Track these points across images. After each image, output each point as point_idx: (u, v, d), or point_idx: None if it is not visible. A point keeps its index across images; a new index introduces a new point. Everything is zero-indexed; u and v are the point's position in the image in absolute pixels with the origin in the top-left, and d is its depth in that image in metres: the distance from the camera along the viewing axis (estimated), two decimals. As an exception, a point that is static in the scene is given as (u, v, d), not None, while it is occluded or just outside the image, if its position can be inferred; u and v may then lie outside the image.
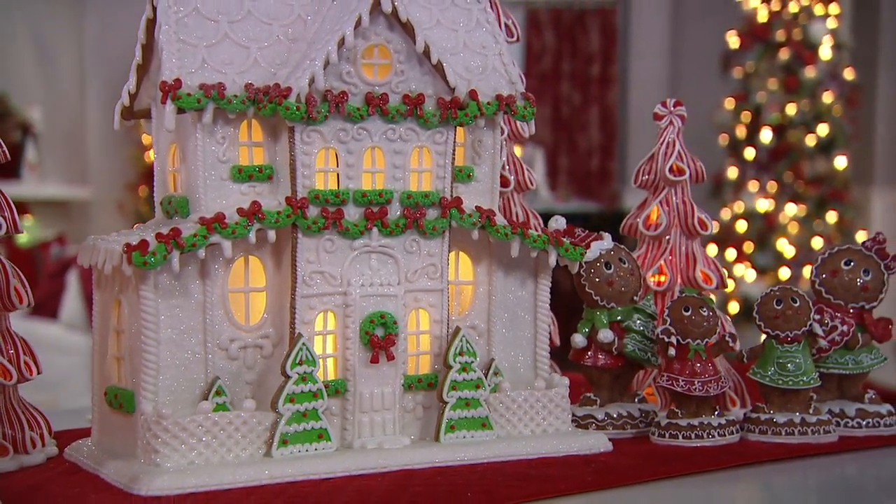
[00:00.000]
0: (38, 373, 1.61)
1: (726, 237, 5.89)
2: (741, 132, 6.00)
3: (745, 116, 5.93)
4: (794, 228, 5.80)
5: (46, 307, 5.89)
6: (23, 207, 7.25)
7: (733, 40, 6.07)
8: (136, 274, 1.48)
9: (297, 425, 1.53)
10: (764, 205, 5.84)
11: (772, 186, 5.86)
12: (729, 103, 6.04)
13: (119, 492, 1.42)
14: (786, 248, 5.81)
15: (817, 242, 5.76)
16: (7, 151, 1.60)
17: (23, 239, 6.97)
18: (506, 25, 1.95)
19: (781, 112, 5.83)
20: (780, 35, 5.88)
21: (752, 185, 5.87)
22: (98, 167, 7.75)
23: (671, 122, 1.97)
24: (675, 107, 1.98)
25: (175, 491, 1.41)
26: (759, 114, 5.89)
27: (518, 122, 1.92)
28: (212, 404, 1.50)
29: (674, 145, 1.95)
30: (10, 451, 1.55)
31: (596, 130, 7.91)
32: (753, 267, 5.80)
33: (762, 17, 5.94)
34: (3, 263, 1.59)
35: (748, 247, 5.84)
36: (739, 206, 5.88)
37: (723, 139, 6.09)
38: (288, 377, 1.53)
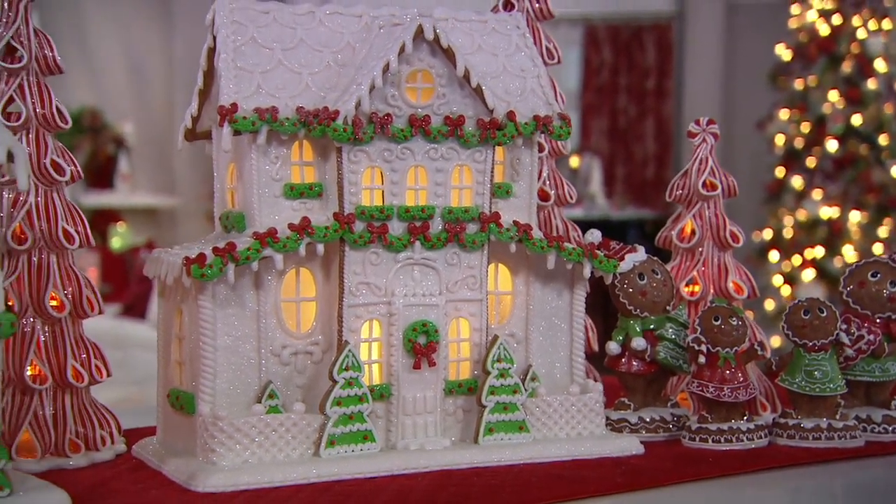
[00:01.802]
0: (108, 375, 1.64)
1: (790, 245, 5.76)
2: (799, 142, 5.87)
3: (805, 126, 5.80)
4: (857, 235, 5.67)
5: (136, 308, 6.02)
6: (116, 215, 7.46)
7: (785, 53, 5.95)
8: (195, 285, 1.49)
9: (344, 427, 1.52)
10: (828, 212, 5.70)
11: (831, 193, 5.71)
12: (784, 114, 5.92)
13: (178, 488, 1.43)
14: (850, 254, 5.68)
15: (878, 248, 5.61)
16: (80, 171, 1.63)
17: (116, 244, 7.14)
18: (547, 48, 1.93)
19: (846, 122, 5.69)
20: (843, 48, 5.75)
21: (817, 193, 5.73)
22: (184, 178, 7.89)
23: (704, 140, 1.92)
24: (708, 125, 1.93)
25: (229, 488, 1.41)
26: (822, 124, 5.76)
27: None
28: (264, 407, 1.51)
29: (707, 161, 1.91)
30: (81, 448, 1.57)
31: (651, 141, 7.83)
32: (821, 273, 5.66)
33: (824, 30, 5.79)
34: (78, 275, 1.61)
35: (809, 253, 5.70)
36: (802, 214, 5.74)
37: (778, 149, 5.98)
38: (335, 382, 1.53)
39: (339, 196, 1.56)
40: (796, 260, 5.73)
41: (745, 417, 1.70)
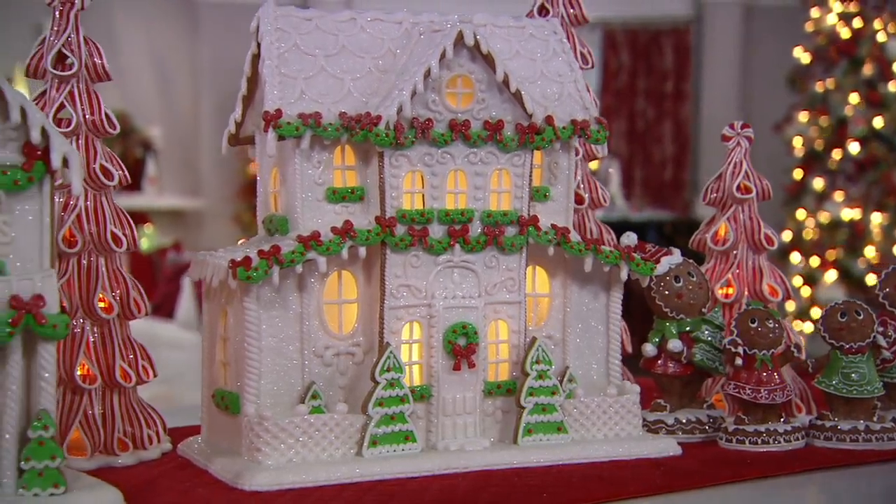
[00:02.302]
0: (154, 376, 1.65)
1: (811, 246, 5.73)
2: (819, 144, 5.84)
3: (828, 129, 5.77)
4: (878, 237, 5.64)
5: (163, 308, 6.05)
6: (143, 217, 7.51)
7: (804, 56, 5.92)
8: (241, 287, 1.50)
9: (386, 427, 1.53)
10: (849, 214, 5.67)
11: (852, 195, 5.68)
12: (803, 116, 5.89)
13: (224, 486, 1.44)
14: (872, 255, 5.64)
15: None
16: (128, 174, 1.64)
17: (143, 245, 7.19)
18: (581, 54, 1.93)
19: (868, 125, 5.66)
20: (865, 51, 5.71)
21: (838, 195, 5.69)
22: (210, 180, 7.93)
23: (739, 143, 1.91)
24: (742, 128, 1.92)
25: (275, 487, 1.42)
26: (843, 126, 5.72)
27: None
28: (308, 407, 1.51)
29: (741, 165, 1.90)
30: (129, 446, 1.58)
31: (669, 143, 7.82)
32: (843, 274, 5.62)
33: (845, 34, 5.76)
34: (125, 277, 1.63)
35: (830, 254, 5.67)
36: (823, 216, 5.70)
37: (796, 151, 5.95)
38: (377, 383, 1.53)
39: (381, 200, 1.56)
40: (814, 261, 5.69)
41: (782, 419, 1.69)
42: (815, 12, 5.94)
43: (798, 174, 5.87)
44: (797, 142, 5.96)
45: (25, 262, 1.28)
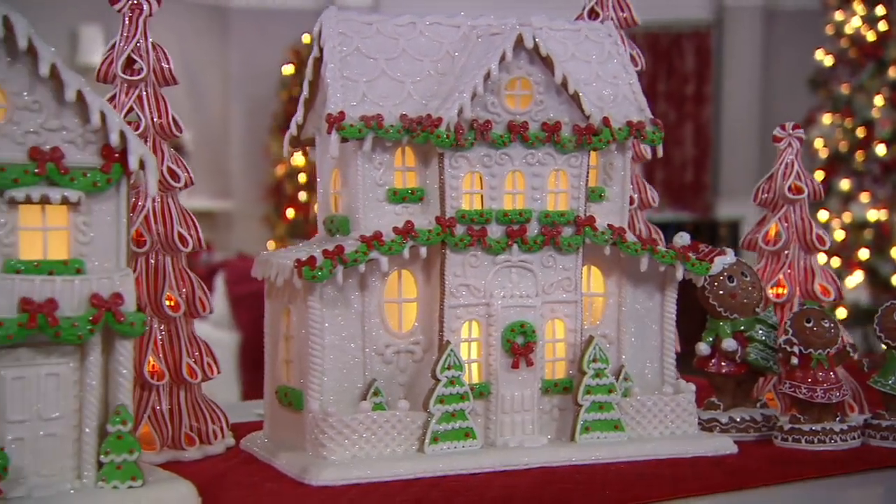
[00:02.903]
0: (218, 372, 1.67)
1: (836, 247, 5.69)
2: (843, 146, 5.81)
3: (857, 131, 5.73)
4: None
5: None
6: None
7: (827, 59, 5.88)
8: (305, 286, 1.51)
9: (447, 424, 1.53)
10: (875, 215, 5.62)
11: (879, 196, 5.63)
12: (827, 118, 5.85)
13: (291, 481, 1.45)
14: None
15: None
16: (192, 177, 1.66)
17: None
18: (630, 55, 1.92)
19: (894, 127, 5.61)
20: (892, 53, 5.67)
21: (864, 196, 5.65)
22: (239, 182, 7.99)
23: (790, 144, 1.91)
24: (793, 129, 1.91)
25: (341, 481, 1.43)
26: (869, 128, 5.68)
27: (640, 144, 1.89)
28: (370, 404, 1.52)
29: (793, 166, 1.89)
30: (196, 441, 1.60)
31: (690, 145, 7.79)
32: (869, 274, 5.58)
33: (871, 36, 5.71)
34: (191, 276, 1.64)
35: (856, 255, 5.62)
36: (848, 217, 5.66)
37: (818, 152, 5.91)
38: (438, 380, 1.54)
39: (441, 200, 1.57)
40: (835, 261, 5.66)
41: (837, 418, 1.68)
42: (838, 15, 5.91)
43: (819, 176, 5.84)
44: (818, 143, 5.93)
45: (103, 262, 1.30)
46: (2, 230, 1.24)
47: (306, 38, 7.13)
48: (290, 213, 7.20)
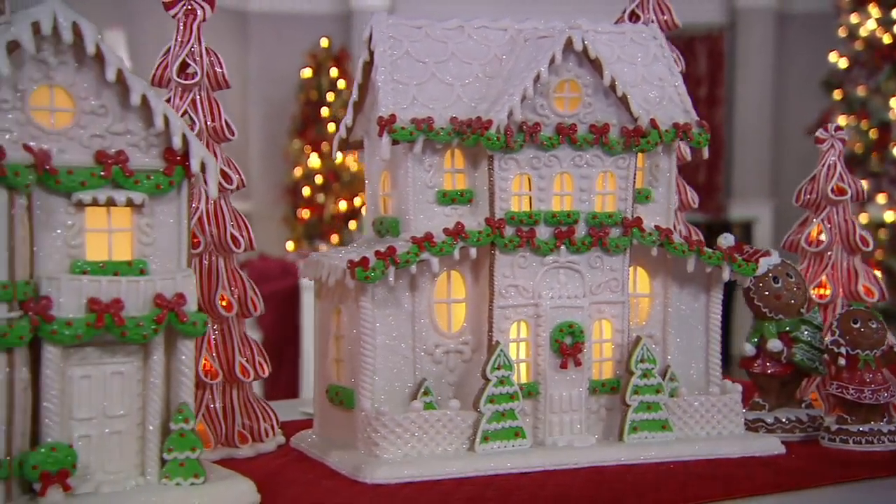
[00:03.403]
0: (269, 372, 1.68)
1: None
2: (858, 148, 5.78)
3: (873, 132, 5.70)
4: None
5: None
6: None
7: (842, 61, 5.87)
8: (358, 287, 1.52)
9: (497, 424, 1.54)
10: (891, 216, 5.59)
11: (894, 198, 5.61)
12: (842, 120, 5.83)
13: (345, 479, 1.46)
14: None
15: None
16: (244, 179, 1.67)
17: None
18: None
19: None
20: None
21: (881, 198, 5.62)
22: (258, 184, 8.04)
23: (832, 146, 1.90)
24: (836, 131, 1.90)
25: (394, 480, 1.44)
26: (886, 130, 5.65)
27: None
28: (422, 403, 1.53)
29: (835, 167, 1.88)
30: (249, 439, 1.61)
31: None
32: (886, 274, 5.55)
33: (887, 39, 5.68)
34: (243, 277, 1.66)
35: (874, 256, 5.60)
36: (864, 217, 5.64)
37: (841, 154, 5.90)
38: (488, 380, 1.54)
39: (491, 202, 1.57)
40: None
41: (885, 419, 1.67)
42: (853, 18, 5.89)
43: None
44: None
45: (165, 263, 1.32)
46: (69, 232, 1.25)
47: (324, 42, 7.18)
48: (306, 213, 7.24)
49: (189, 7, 1.61)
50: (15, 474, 1.18)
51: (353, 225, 7.17)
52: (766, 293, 1.74)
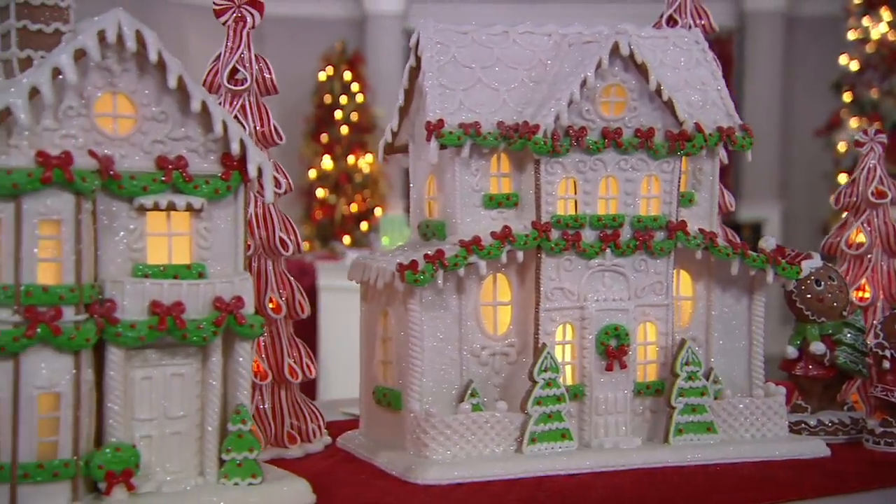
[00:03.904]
0: (316, 373, 1.69)
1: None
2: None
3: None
4: None
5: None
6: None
7: (853, 64, 5.85)
8: (407, 290, 1.53)
9: (544, 425, 1.54)
10: None
11: None
12: (854, 122, 5.82)
13: (396, 480, 1.47)
14: None
15: None
16: (292, 183, 1.68)
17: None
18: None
19: None
20: None
21: None
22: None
23: (872, 149, 1.89)
24: (876, 134, 1.90)
25: (445, 481, 1.44)
26: None
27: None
28: (470, 405, 1.54)
29: (875, 170, 1.87)
30: (297, 440, 1.62)
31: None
32: None
33: None
34: (290, 280, 1.67)
35: None
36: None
37: (840, 155, 5.90)
38: (535, 382, 1.54)
39: (537, 206, 1.58)
40: None
41: (929, 422, 1.66)
42: (865, 21, 5.87)
43: (843, 178, 5.82)
44: (842, 147, 5.89)
45: (223, 266, 1.33)
46: (131, 236, 1.27)
47: (338, 46, 7.21)
48: (319, 214, 7.27)
49: (239, 14, 1.62)
50: (81, 474, 1.19)
51: (364, 226, 7.18)
52: (809, 296, 1.74)
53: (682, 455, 1.57)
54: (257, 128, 1.63)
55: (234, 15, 1.62)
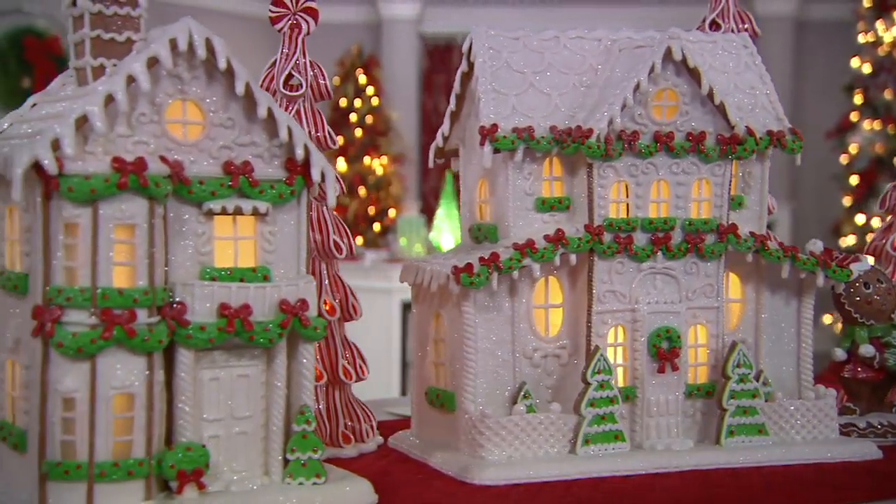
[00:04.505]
0: (368, 373, 1.70)
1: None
2: (880, 149, 5.76)
3: None
4: None
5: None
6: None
7: (866, 67, 5.85)
8: (462, 292, 1.53)
9: (598, 427, 1.54)
10: None
11: None
12: (867, 125, 5.81)
13: (453, 480, 1.47)
14: None
15: None
16: (344, 187, 1.69)
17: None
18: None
19: None
20: None
21: None
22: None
23: (919, 151, 1.88)
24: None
25: (502, 481, 1.45)
26: None
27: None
28: (524, 406, 1.54)
29: (922, 172, 1.87)
30: (352, 439, 1.64)
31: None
32: None
33: None
34: (344, 282, 1.68)
35: None
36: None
37: (852, 157, 5.92)
38: (589, 384, 1.55)
39: (589, 209, 1.58)
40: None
41: (981, 424, 1.65)
42: (879, 24, 5.86)
43: (854, 180, 5.84)
44: (853, 148, 5.89)
45: (286, 269, 1.34)
46: (199, 240, 1.28)
47: (353, 50, 7.23)
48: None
49: (294, 21, 1.64)
50: (154, 473, 1.21)
51: (377, 227, 7.19)
52: (858, 298, 1.73)
53: (734, 457, 1.57)
54: (312, 132, 1.65)
55: (290, 22, 1.64)
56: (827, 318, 5.19)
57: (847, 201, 6.04)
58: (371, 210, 7.21)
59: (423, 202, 8.27)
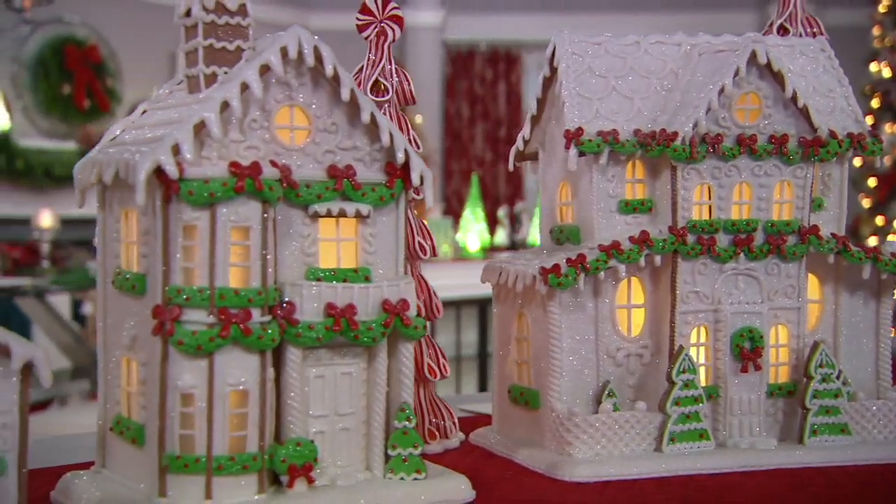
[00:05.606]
0: (448, 373, 1.71)
1: None
2: None
3: None
4: None
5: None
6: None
7: (886, 71, 5.83)
8: (548, 292, 1.54)
9: (683, 425, 1.54)
10: None
11: None
12: (889, 128, 5.79)
13: (543, 476, 1.48)
14: None
15: None
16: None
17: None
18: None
19: None
20: None
21: None
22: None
23: None
24: None
25: (593, 478, 1.45)
26: None
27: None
28: (610, 404, 1.55)
29: None
30: (437, 436, 1.65)
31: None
32: None
33: None
34: (427, 283, 1.70)
35: None
36: None
37: (888, 160, 5.91)
38: (674, 383, 1.55)
39: (673, 211, 1.58)
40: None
41: None
42: None
43: (872, 182, 5.81)
44: None
45: (385, 270, 1.36)
46: (305, 241, 1.30)
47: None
48: None
49: (380, 29, 1.65)
50: (266, 467, 1.23)
51: None
52: (938, 299, 1.72)
53: (817, 456, 1.56)
54: (399, 137, 1.66)
55: (376, 29, 1.66)
56: None
57: (866, 203, 6.05)
58: None
59: (446, 204, 8.28)
